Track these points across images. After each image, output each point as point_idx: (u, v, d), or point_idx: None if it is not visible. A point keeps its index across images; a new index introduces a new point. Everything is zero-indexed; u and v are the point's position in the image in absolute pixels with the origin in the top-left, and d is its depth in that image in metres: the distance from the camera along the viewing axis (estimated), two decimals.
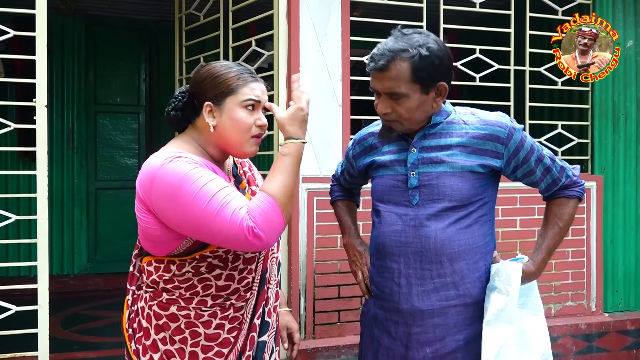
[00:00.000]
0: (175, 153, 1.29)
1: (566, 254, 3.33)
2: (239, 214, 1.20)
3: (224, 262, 1.34)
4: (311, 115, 2.82)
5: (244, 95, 1.35)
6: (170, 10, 4.17)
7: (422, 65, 1.44)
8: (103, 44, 5.38)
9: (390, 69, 1.46)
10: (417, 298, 1.51)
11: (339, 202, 1.91)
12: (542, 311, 1.59)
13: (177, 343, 1.34)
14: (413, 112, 1.49)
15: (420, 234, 1.50)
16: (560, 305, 3.34)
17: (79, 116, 5.22)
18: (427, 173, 1.51)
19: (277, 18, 2.88)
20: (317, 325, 2.85)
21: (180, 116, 1.41)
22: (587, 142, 3.50)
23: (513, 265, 1.49)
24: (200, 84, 1.38)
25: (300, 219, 2.80)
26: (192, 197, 1.21)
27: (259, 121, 1.38)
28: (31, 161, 4.59)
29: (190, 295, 1.33)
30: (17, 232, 4.56)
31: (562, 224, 1.61)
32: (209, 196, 1.21)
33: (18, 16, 2.73)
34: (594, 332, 3.29)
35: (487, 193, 1.55)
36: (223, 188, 1.24)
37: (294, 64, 2.83)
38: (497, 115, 1.56)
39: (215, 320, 1.34)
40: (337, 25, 2.90)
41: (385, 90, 1.49)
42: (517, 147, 1.52)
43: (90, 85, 5.35)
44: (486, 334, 1.46)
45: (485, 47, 3.28)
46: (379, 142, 1.65)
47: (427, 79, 1.46)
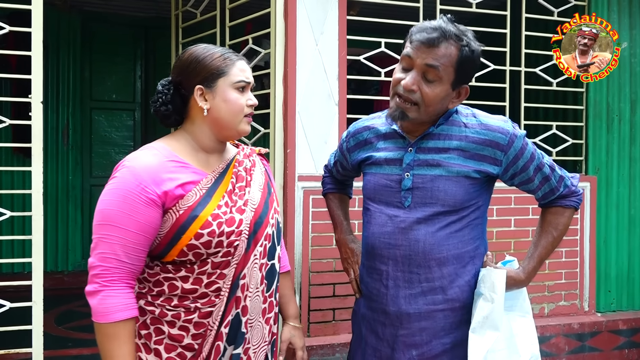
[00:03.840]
0: (130, 160, 1.30)
1: (560, 254, 3.35)
2: (93, 264, 1.26)
3: (190, 265, 1.32)
4: (308, 114, 2.85)
5: (235, 76, 1.37)
6: (166, 7, 4.16)
7: (466, 58, 1.42)
8: (99, 40, 5.36)
9: (440, 46, 1.39)
10: (404, 301, 1.49)
11: (331, 194, 1.88)
12: (530, 313, 1.57)
13: (142, 338, 1.33)
14: (437, 100, 1.42)
15: (410, 237, 1.47)
16: (553, 304, 3.36)
17: (74, 112, 5.20)
18: (422, 175, 1.47)
19: (274, 16, 2.87)
20: (311, 324, 2.85)
21: (171, 109, 1.39)
22: (581, 142, 3.53)
23: (497, 273, 1.45)
24: (186, 69, 1.37)
25: (295, 217, 2.80)
26: (95, 222, 1.29)
27: (249, 101, 1.40)
28: (25, 157, 4.58)
29: (157, 293, 1.33)
30: (10, 228, 4.54)
31: (556, 233, 1.57)
32: (96, 232, 1.27)
33: (13, 11, 2.71)
34: (586, 332, 3.32)
35: (481, 198, 1.52)
36: (111, 236, 1.25)
37: (290, 63, 2.83)
38: (500, 120, 1.51)
39: (179, 321, 1.32)
40: (334, 24, 2.90)
41: (427, 62, 1.38)
42: (517, 155, 1.48)
43: (85, 82, 5.33)
44: (472, 340, 1.44)
45: (481, 47, 3.28)
46: (374, 137, 1.60)
47: (463, 74, 1.44)
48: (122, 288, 1.27)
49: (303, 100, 2.85)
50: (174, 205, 1.29)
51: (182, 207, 1.29)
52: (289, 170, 2.82)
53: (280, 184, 2.87)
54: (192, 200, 1.30)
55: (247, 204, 1.39)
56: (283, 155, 2.87)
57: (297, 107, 2.85)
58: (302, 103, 2.85)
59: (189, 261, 1.31)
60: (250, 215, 1.38)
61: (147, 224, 1.27)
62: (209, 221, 1.29)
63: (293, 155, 2.83)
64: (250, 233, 1.37)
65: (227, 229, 1.32)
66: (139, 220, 1.26)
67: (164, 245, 1.31)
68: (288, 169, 2.82)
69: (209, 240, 1.29)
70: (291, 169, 2.81)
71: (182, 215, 1.29)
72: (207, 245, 1.30)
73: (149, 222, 1.27)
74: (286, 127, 2.85)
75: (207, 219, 1.29)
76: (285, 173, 2.85)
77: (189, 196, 1.30)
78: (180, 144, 1.39)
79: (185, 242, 1.29)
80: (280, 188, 2.87)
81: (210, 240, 1.30)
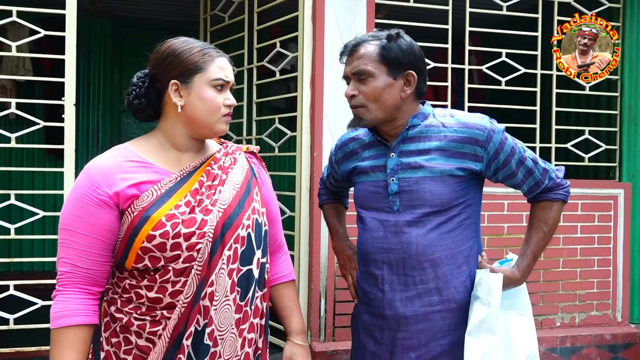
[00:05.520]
0: (90, 162, 1.27)
1: (592, 262, 3.26)
2: (60, 271, 1.24)
3: (154, 272, 1.24)
4: (335, 117, 2.83)
5: (214, 73, 1.29)
6: (195, 11, 4.20)
7: (389, 47, 1.47)
8: (128, 44, 5.44)
9: (358, 49, 1.49)
10: (400, 304, 1.50)
11: (326, 205, 1.92)
12: (530, 311, 1.58)
13: (113, 346, 1.28)
14: (379, 94, 1.47)
15: (402, 240, 1.49)
16: (584, 314, 3.27)
17: (104, 115, 5.29)
18: (406, 179, 1.49)
19: (302, 19, 2.88)
20: (337, 328, 2.83)
21: (145, 104, 1.32)
22: (615, 148, 3.43)
23: (494, 277, 1.47)
24: (162, 62, 1.29)
25: (322, 222, 2.79)
26: (62, 217, 1.26)
27: (227, 101, 1.32)
28: (57, 158, 4.68)
29: (127, 299, 1.27)
30: (42, 228, 4.64)
31: (546, 228, 1.57)
32: (62, 236, 1.24)
33: (46, 16, 2.78)
34: (619, 343, 3.21)
35: (470, 196, 1.52)
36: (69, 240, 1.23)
37: (318, 66, 2.83)
38: (477, 117, 1.53)
39: (144, 332, 1.24)
40: (362, 27, 2.88)
41: (353, 70, 1.49)
42: (497, 150, 1.49)
43: (115, 85, 5.42)
44: (468, 344, 1.45)
45: (512, 50, 3.24)
46: (359, 148, 1.63)
47: (394, 61, 1.47)
48: (74, 293, 1.22)
49: (330, 104, 2.84)
50: (128, 207, 1.23)
51: (136, 208, 1.23)
52: (315, 173, 2.81)
53: (307, 187, 2.86)
54: (146, 200, 1.23)
55: (216, 204, 1.28)
56: (310, 158, 2.87)
57: (324, 110, 2.84)
58: (329, 106, 2.84)
59: (147, 267, 1.23)
60: (218, 215, 1.27)
61: (100, 227, 1.22)
62: (162, 222, 1.21)
63: (320, 159, 2.82)
64: (216, 235, 1.26)
65: (185, 230, 1.22)
66: (91, 223, 1.21)
67: (122, 250, 1.25)
68: (315, 172, 2.81)
69: (162, 243, 1.21)
70: (318, 172, 2.80)
71: (136, 216, 1.22)
72: (161, 248, 1.21)
73: (101, 225, 1.22)
74: (313, 130, 2.85)
75: (160, 220, 1.21)
76: (311, 176, 2.84)
77: (143, 196, 1.23)
78: (148, 143, 1.32)
79: (138, 245, 1.22)
80: (307, 191, 2.86)
81: (163, 242, 1.21)
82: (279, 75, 3.23)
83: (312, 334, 2.84)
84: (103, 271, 1.26)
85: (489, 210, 3.08)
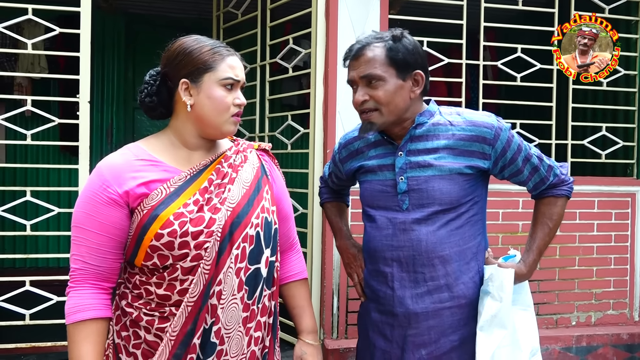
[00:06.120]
0: (101, 161, 1.28)
1: (608, 260, 3.21)
2: (72, 268, 1.26)
3: (162, 270, 1.25)
4: (348, 114, 2.82)
5: (224, 72, 1.28)
6: (208, 9, 4.20)
7: (396, 48, 1.45)
8: (142, 41, 5.47)
9: (365, 53, 1.47)
10: (411, 301, 1.50)
11: (328, 204, 1.91)
12: (531, 306, 1.60)
13: (123, 340, 1.29)
14: (391, 97, 1.46)
15: (412, 237, 1.49)
16: (601, 313, 3.23)
17: (118, 112, 5.33)
18: (415, 177, 1.50)
19: (315, 16, 2.87)
20: (349, 325, 2.83)
21: (156, 102, 1.32)
22: (632, 145, 3.37)
23: (506, 272, 1.48)
24: (173, 61, 1.29)
25: None
26: (74, 215, 1.27)
27: (237, 100, 1.30)
28: (72, 155, 4.73)
29: (137, 295, 1.28)
30: (57, 224, 4.69)
31: (551, 224, 1.59)
32: (74, 233, 1.26)
33: (61, 14, 2.80)
34: (636, 343, 3.17)
35: (477, 193, 1.53)
36: (83, 238, 1.25)
37: (331, 62, 2.81)
38: (484, 115, 1.53)
39: (153, 328, 1.25)
40: (376, 23, 2.87)
41: (361, 74, 1.47)
42: (504, 148, 1.50)
43: (129, 82, 5.45)
44: (480, 339, 1.47)
45: (527, 46, 3.20)
46: (365, 147, 1.62)
47: (403, 62, 1.46)
48: (86, 288, 1.24)
49: (343, 100, 2.82)
50: (138, 205, 1.24)
51: (145, 206, 1.23)
52: None
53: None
54: (155, 199, 1.23)
55: (225, 203, 1.28)
56: (323, 155, 2.86)
57: (337, 107, 2.83)
58: (342, 103, 2.83)
59: (156, 265, 1.24)
60: (226, 214, 1.27)
61: (110, 225, 1.23)
62: (170, 220, 1.21)
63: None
64: (225, 234, 1.26)
65: (193, 229, 1.22)
66: (101, 221, 1.23)
67: (132, 248, 1.26)
68: None
69: (170, 241, 1.21)
70: None
71: (145, 215, 1.23)
72: (169, 247, 1.22)
73: (112, 223, 1.23)
74: (326, 127, 2.84)
75: (169, 219, 1.22)
76: None
77: (152, 195, 1.23)
78: (159, 142, 1.33)
79: (147, 244, 1.22)
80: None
81: (171, 241, 1.21)
82: (292, 72, 3.22)
83: (324, 332, 2.84)
84: (114, 268, 1.28)
85: (503, 207, 3.06)
